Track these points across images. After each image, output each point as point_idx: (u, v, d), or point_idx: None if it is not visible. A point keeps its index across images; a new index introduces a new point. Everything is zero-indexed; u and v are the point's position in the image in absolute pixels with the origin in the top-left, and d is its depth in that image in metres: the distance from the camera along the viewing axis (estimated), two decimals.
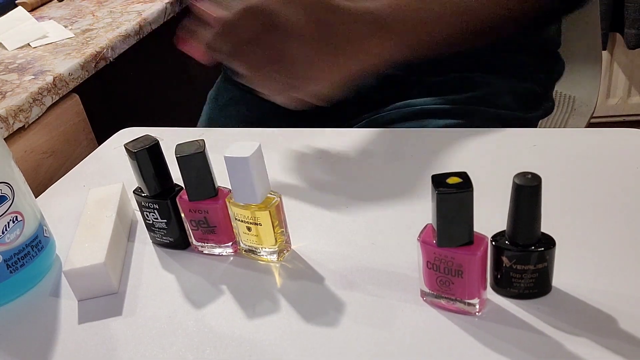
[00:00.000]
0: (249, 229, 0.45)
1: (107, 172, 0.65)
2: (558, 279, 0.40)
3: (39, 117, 0.85)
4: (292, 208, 0.46)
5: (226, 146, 0.42)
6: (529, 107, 0.72)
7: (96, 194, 0.54)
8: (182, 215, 0.47)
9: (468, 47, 0.59)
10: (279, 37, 0.48)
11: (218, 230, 0.46)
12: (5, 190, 0.44)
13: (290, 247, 0.47)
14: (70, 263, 0.44)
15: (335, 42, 0.50)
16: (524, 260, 0.38)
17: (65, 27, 1.08)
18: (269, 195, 0.44)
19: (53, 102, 0.88)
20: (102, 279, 0.45)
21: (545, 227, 0.38)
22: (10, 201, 0.44)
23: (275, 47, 0.49)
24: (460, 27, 0.57)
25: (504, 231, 0.39)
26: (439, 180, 0.35)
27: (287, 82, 0.51)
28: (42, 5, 1.22)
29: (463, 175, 0.35)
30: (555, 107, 0.87)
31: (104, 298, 0.45)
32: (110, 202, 0.52)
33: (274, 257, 0.46)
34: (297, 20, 0.48)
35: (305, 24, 0.48)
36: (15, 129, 0.80)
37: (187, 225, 0.48)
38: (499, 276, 0.39)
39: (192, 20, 0.52)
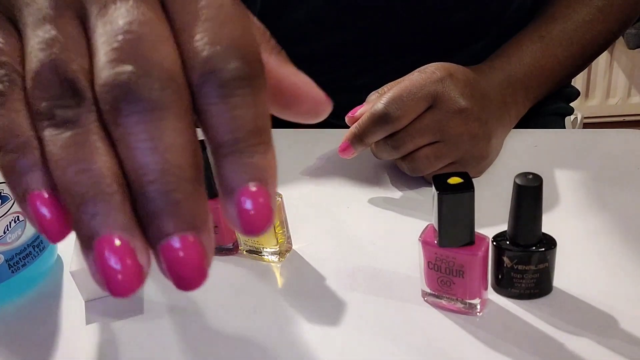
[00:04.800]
0: None
1: None
2: (559, 280, 0.40)
3: None
4: (293, 208, 0.47)
5: None
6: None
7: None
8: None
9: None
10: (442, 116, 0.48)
11: (219, 230, 0.47)
12: (8, 190, 0.44)
13: (291, 248, 0.47)
14: (76, 263, 0.44)
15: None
16: (525, 261, 0.38)
17: None
18: None
19: None
20: None
21: (546, 228, 0.38)
22: (12, 201, 0.44)
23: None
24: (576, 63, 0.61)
25: (505, 231, 0.39)
26: (440, 181, 0.35)
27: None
28: None
29: (464, 176, 0.35)
30: None
31: (107, 298, 0.45)
32: None
33: (275, 257, 0.46)
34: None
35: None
36: None
37: None
38: (500, 276, 0.39)
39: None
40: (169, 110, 0.18)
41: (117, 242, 0.18)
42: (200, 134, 0.20)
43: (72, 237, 0.52)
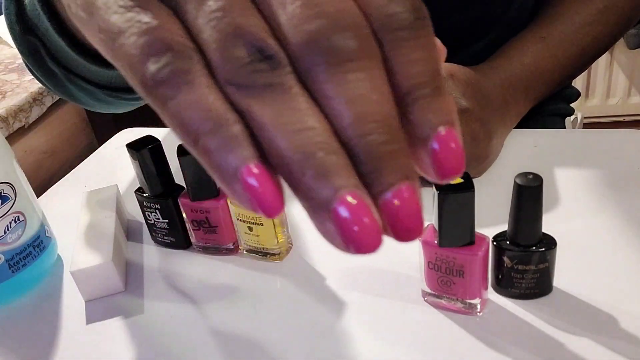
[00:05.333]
0: (250, 229, 0.45)
1: (108, 173, 0.65)
2: (559, 279, 0.40)
3: (39, 117, 0.85)
4: (293, 208, 0.47)
5: None
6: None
7: (92, 196, 0.54)
8: (184, 215, 0.47)
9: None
10: None
11: (219, 230, 0.47)
12: (8, 191, 0.44)
13: (291, 247, 0.47)
14: (76, 264, 0.44)
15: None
16: (525, 261, 0.38)
17: None
18: None
19: (53, 102, 0.88)
20: (110, 278, 0.45)
21: (547, 228, 0.38)
22: (13, 201, 0.44)
23: None
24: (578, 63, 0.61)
25: (505, 231, 0.39)
26: None
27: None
28: None
29: (464, 176, 0.35)
30: None
31: (107, 298, 0.45)
32: (108, 203, 0.52)
33: (276, 257, 0.46)
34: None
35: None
36: (15, 129, 0.80)
37: (188, 226, 0.48)
38: (500, 276, 0.39)
39: None
40: (370, 59, 0.18)
41: (355, 201, 0.17)
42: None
43: (72, 237, 0.52)
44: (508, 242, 0.38)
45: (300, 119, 0.17)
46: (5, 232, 0.44)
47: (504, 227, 0.39)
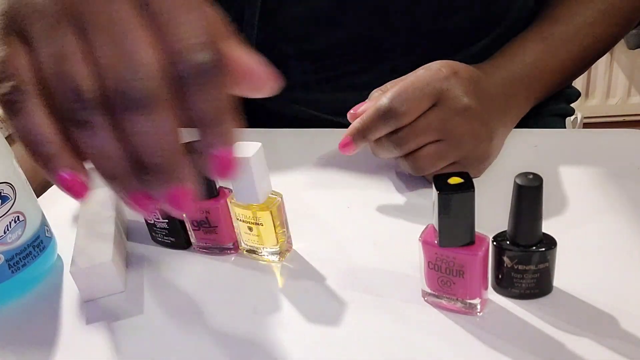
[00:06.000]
0: (250, 229, 0.45)
1: None
2: (559, 279, 0.40)
3: None
4: (293, 208, 0.47)
5: None
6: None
7: (92, 195, 0.54)
8: (184, 215, 0.47)
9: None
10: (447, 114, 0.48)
11: (219, 230, 0.47)
12: (7, 191, 0.44)
13: (291, 247, 0.47)
14: (75, 263, 0.44)
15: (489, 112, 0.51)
16: (526, 261, 0.38)
17: None
18: (270, 195, 0.44)
19: None
20: (109, 278, 0.45)
21: (547, 228, 0.38)
22: (13, 201, 0.44)
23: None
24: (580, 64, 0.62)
25: (505, 231, 0.39)
26: (440, 181, 0.35)
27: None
28: None
29: (464, 176, 0.35)
30: None
31: (107, 298, 0.45)
32: (108, 203, 0.52)
33: (276, 257, 0.46)
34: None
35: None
36: None
37: (188, 226, 0.48)
38: (500, 276, 0.39)
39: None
40: (159, 104, 0.25)
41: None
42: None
43: (72, 237, 0.52)
44: (508, 242, 0.38)
45: (102, 147, 0.26)
46: (5, 232, 0.44)
47: (504, 227, 0.39)
